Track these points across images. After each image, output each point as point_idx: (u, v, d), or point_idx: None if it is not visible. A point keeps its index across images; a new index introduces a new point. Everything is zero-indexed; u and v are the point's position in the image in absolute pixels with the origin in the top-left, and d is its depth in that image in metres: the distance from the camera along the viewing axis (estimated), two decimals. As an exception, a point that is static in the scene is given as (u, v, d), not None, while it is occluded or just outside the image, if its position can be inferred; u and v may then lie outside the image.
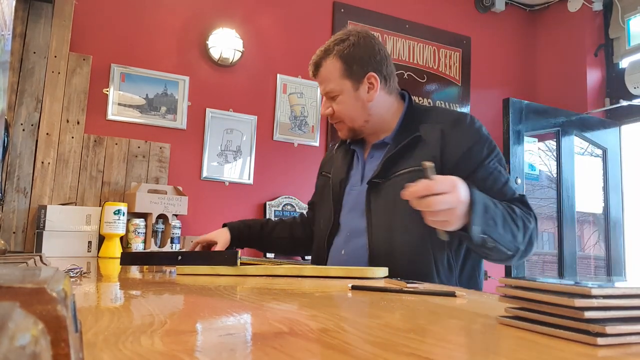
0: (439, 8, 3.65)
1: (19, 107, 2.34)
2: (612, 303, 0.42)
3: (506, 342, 0.46)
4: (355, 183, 1.39)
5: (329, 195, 1.44)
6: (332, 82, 1.33)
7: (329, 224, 1.39)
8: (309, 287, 0.88)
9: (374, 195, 1.29)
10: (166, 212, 2.42)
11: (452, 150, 1.23)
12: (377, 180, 1.29)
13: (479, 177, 1.20)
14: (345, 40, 1.33)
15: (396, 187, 1.19)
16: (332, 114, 1.36)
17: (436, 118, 1.31)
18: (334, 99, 1.35)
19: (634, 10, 3.55)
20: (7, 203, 2.27)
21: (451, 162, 1.21)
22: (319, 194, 1.55)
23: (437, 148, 1.23)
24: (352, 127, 1.36)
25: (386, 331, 0.49)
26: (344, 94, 1.33)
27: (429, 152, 1.23)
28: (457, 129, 1.25)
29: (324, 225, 1.43)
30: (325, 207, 1.44)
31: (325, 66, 1.34)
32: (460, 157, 1.22)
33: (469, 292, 0.86)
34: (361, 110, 1.34)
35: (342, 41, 1.33)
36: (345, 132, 1.39)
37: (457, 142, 1.23)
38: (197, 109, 2.87)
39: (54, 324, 0.23)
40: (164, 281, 0.99)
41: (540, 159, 3.67)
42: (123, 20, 2.75)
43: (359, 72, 1.32)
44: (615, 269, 3.63)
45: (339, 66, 1.32)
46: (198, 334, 0.46)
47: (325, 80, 1.35)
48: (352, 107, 1.33)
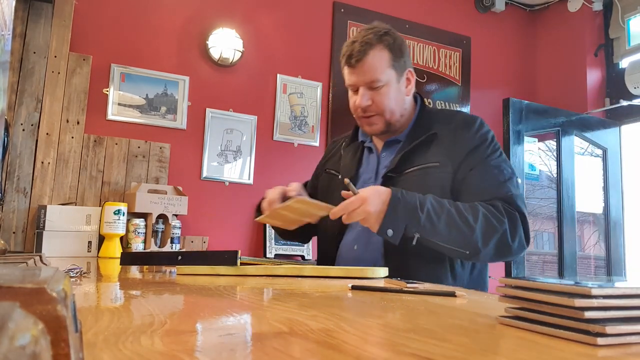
0: (439, 8, 3.65)
1: (19, 107, 2.34)
2: (612, 303, 0.42)
3: (506, 342, 0.46)
4: (367, 179, 1.39)
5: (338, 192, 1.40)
6: (379, 71, 1.31)
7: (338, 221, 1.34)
8: (309, 287, 0.88)
9: None
10: (166, 212, 2.42)
11: (460, 149, 1.30)
12: (392, 175, 1.31)
13: (476, 174, 1.27)
14: (388, 33, 1.34)
15: (411, 183, 1.27)
16: (370, 105, 1.33)
17: (448, 119, 1.37)
18: (376, 89, 1.32)
19: (634, 10, 3.55)
20: (7, 203, 2.27)
21: (458, 160, 1.28)
22: (323, 192, 1.51)
23: (449, 147, 1.30)
24: (389, 121, 1.35)
25: (386, 331, 0.49)
26: (389, 85, 1.32)
27: (442, 150, 1.30)
28: (466, 130, 1.32)
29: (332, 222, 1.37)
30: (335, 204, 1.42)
31: (372, 55, 1.31)
32: (465, 155, 1.29)
33: (469, 292, 0.86)
34: (401, 104, 1.36)
35: (386, 34, 1.33)
36: (379, 126, 1.36)
37: (465, 142, 1.30)
38: (197, 109, 2.87)
39: (54, 324, 0.23)
40: (164, 281, 0.99)
41: (541, 159, 3.67)
42: (123, 20, 2.75)
43: (402, 65, 1.36)
44: (616, 269, 3.63)
45: (387, 56, 1.32)
46: (198, 334, 0.46)
47: (372, 69, 1.31)
48: (394, 99, 1.34)
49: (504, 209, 1.20)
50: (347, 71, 1.35)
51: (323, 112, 3.22)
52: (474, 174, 1.27)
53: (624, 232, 3.71)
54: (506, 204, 1.22)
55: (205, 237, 2.76)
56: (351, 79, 1.35)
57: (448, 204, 1.19)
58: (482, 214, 1.18)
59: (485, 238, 1.16)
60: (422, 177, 1.28)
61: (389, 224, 1.14)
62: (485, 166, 1.28)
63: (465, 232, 1.16)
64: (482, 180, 1.26)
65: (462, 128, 1.32)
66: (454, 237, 1.16)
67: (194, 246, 2.71)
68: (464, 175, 1.27)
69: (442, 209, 1.17)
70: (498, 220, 1.18)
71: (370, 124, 1.37)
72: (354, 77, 1.34)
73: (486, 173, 1.27)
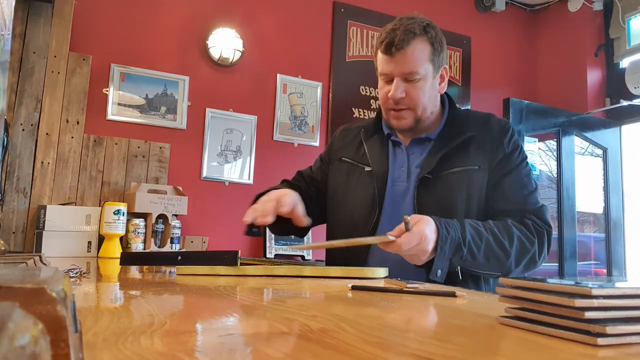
0: (439, 8, 3.65)
1: (18, 107, 2.34)
2: (612, 303, 0.42)
3: (506, 342, 0.46)
4: (397, 177, 1.33)
5: (370, 186, 1.32)
6: (418, 63, 1.25)
7: (372, 216, 1.29)
8: (309, 287, 0.88)
9: (424, 191, 1.27)
10: (166, 212, 2.42)
11: (496, 154, 1.29)
12: (428, 176, 1.27)
13: (509, 182, 1.27)
14: (431, 25, 1.29)
15: (451, 185, 1.25)
16: (403, 98, 1.27)
17: (483, 122, 1.34)
18: (412, 82, 1.26)
19: (634, 10, 3.55)
20: (7, 203, 2.27)
21: (493, 165, 1.28)
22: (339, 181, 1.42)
23: (487, 151, 1.29)
24: (419, 117, 1.30)
25: (386, 331, 0.49)
26: (425, 79, 1.27)
27: (481, 154, 1.28)
28: (503, 135, 1.31)
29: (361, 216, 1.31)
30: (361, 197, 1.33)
31: (414, 45, 1.24)
32: (499, 161, 1.28)
33: (469, 292, 0.86)
34: (433, 100, 1.32)
35: (429, 26, 1.28)
36: (408, 122, 1.31)
37: (502, 148, 1.29)
38: (197, 109, 2.87)
39: (53, 324, 0.23)
40: (164, 281, 0.99)
41: (541, 159, 3.67)
42: (123, 20, 2.75)
43: (440, 61, 1.31)
44: (616, 269, 3.63)
45: (428, 49, 1.27)
46: (198, 334, 0.46)
47: (412, 60, 1.25)
48: (428, 94, 1.29)
49: (534, 228, 1.22)
50: (384, 59, 1.28)
51: (323, 112, 3.22)
52: (507, 181, 1.27)
53: (624, 232, 3.71)
54: (537, 219, 1.23)
55: (205, 237, 2.76)
56: (387, 67, 1.27)
57: (485, 229, 1.17)
58: (517, 238, 1.19)
59: (517, 261, 1.19)
60: (463, 180, 1.26)
61: (439, 265, 1.11)
62: (517, 174, 1.28)
63: (501, 259, 1.17)
64: (514, 188, 1.26)
65: (499, 133, 1.31)
66: (492, 264, 1.18)
67: (194, 246, 2.71)
68: (496, 180, 1.27)
69: (480, 238, 1.15)
70: (530, 242, 1.20)
71: (399, 117, 1.31)
72: (391, 66, 1.26)
73: (519, 181, 1.27)
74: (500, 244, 1.16)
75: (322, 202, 1.46)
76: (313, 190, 1.47)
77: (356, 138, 1.45)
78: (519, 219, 1.23)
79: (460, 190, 1.25)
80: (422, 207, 1.26)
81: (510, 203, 1.25)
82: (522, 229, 1.21)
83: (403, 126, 1.32)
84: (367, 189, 1.33)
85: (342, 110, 3.24)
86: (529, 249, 1.20)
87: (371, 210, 1.30)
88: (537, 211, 1.25)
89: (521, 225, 1.21)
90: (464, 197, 1.25)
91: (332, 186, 1.44)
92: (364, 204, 1.32)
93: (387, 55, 1.26)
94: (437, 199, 1.26)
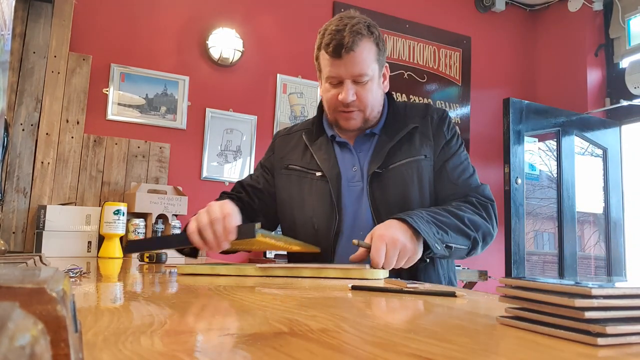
0: (439, 8, 3.65)
1: (18, 107, 2.34)
2: (612, 303, 0.42)
3: (506, 342, 0.46)
4: (352, 177, 1.32)
5: (325, 191, 1.30)
6: (366, 65, 1.25)
7: (332, 221, 1.27)
8: (309, 287, 0.88)
9: (376, 186, 1.28)
10: (166, 212, 2.42)
11: (437, 142, 1.33)
12: (378, 171, 1.28)
13: (451, 166, 1.31)
14: (373, 25, 1.29)
15: (400, 176, 1.28)
16: (354, 100, 1.26)
17: (422, 112, 1.38)
18: (361, 84, 1.26)
19: (634, 10, 3.55)
20: (7, 203, 2.27)
21: (437, 152, 1.32)
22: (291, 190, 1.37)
23: (430, 139, 1.33)
24: (367, 117, 1.31)
25: (386, 331, 0.49)
26: (373, 80, 1.28)
27: (426, 142, 1.32)
28: (443, 123, 1.36)
29: (321, 223, 1.29)
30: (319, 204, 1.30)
31: (362, 47, 1.24)
32: (441, 148, 1.33)
33: (469, 292, 0.86)
34: (380, 99, 1.34)
35: (371, 26, 1.28)
36: (357, 122, 1.31)
37: (442, 135, 1.34)
38: (197, 109, 2.87)
39: (53, 324, 0.23)
40: (163, 281, 0.99)
41: (541, 159, 3.67)
42: (123, 20, 2.75)
43: (383, 60, 1.33)
44: (616, 269, 3.63)
45: (374, 50, 1.27)
46: (198, 334, 0.46)
47: (361, 62, 1.24)
48: (375, 94, 1.30)
49: (478, 203, 1.26)
50: (331, 62, 1.24)
51: (323, 112, 3.22)
52: (449, 166, 1.31)
53: (624, 232, 3.71)
54: (479, 196, 1.28)
55: (205, 237, 2.76)
56: (336, 70, 1.25)
57: (439, 210, 1.20)
58: (469, 210, 1.23)
59: (478, 232, 1.22)
60: (413, 170, 1.28)
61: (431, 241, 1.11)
62: (457, 158, 1.33)
63: (466, 231, 1.19)
64: (456, 172, 1.31)
65: (439, 121, 1.35)
66: (461, 239, 1.19)
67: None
68: (439, 166, 1.31)
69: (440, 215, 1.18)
70: (480, 216, 1.25)
71: (348, 119, 1.30)
72: (340, 69, 1.24)
73: (459, 165, 1.32)
74: (457, 216, 1.19)
75: (268, 210, 1.41)
76: (256, 201, 1.41)
77: (299, 143, 1.42)
78: (463, 199, 1.27)
79: (412, 181, 1.27)
80: (376, 202, 1.27)
81: (454, 186, 1.29)
82: (468, 206, 1.25)
83: (352, 127, 1.32)
84: (322, 195, 1.31)
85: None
86: (483, 222, 1.24)
87: (330, 216, 1.28)
88: (478, 189, 1.30)
89: (466, 202, 1.26)
90: (416, 187, 1.28)
91: (284, 195, 1.39)
92: (323, 211, 1.30)
93: (335, 58, 1.23)
94: (391, 192, 1.27)
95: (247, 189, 1.43)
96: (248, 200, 1.40)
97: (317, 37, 1.30)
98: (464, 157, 1.35)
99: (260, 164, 1.50)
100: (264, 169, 1.46)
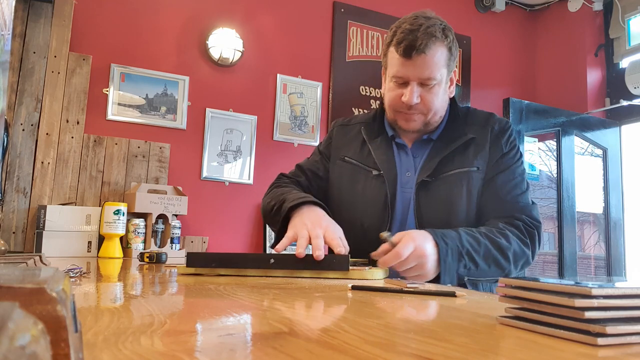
0: (439, 8, 3.64)
1: (18, 107, 2.34)
2: (612, 303, 0.42)
3: (506, 342, 0.46)
4: (406, 182, 1.29)
5: (381, 191, 1.28)
6: (437, 69, 1.22)
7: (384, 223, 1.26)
8: (309, 287, 0.88)
9: (423, 194, 1.25)
10: (166, 212, 2.42)
11: (494, 154, 1.29)
12: (427, 179, 1.25)
13: (503, 180, 1.26)
14: (448, 28, 1.26)
15: (450, 186, 1.24)
16: (418, 103, 1.24)
17: (483, 122, 1.33)
18: (428, 87, 1.23)
19: (634, 10, 3.55)
20: (7, 203, 2.27)
21: (490, 164, 1.28)
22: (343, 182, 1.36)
23: (486, 150, 1.28)
24: (428, 121, 1.28)
25: (386, 331, 0.49)
26: (440, 84, 1.25)
27: (480, 155, 1.28)
28: (502, 135, 1.31)
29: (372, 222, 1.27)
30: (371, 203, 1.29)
31: (435, 50, 1.21)
32: (496, 160, 1.28)
33: (469, 292, 0.86)
34: (444, 104, 1.31)
35: (446, 29, 1.25)
36: (418, 124, 1.28)
37: (499, 147, 1.29)
38: (197, 109, 2.87)
39: (53, 324, 0.23)
40: (164, 281, 0.99)
41: (541, 159, 3.67)
42: (123, 20, 2.75)
43: (453, 66, 1.29)
44: (616, 269, 3.63)
45: (446, 54, 1.24)
46: (198, 334, 0.46)
47: (432, 65, 1.21)
48: (440, 99, 1.27)
49: (525, 229, 1.22)
50: (400, 61, 1.22)
51: (323, 112, 3.22)
52: (500, 178, 1.26)
53: (624, 232, 3.71)
54: (527, 218, 1.23)
55: (205, 237, 2.76)
56: (404, 70, 1.22)
57: (481, 235, 1.16)
58: (513, 241, 1.18)
59: (515, 263, 1.19)
60: (462, 181, 1.25)
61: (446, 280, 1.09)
62: (511, 172, 1.28)
63: (501, 263, 1.17)
64: (507, 185, 1.26)
65: (499, 133, 1.30)
66: (492, 270, 1.17)
67: (193, 246, 2.71)
68: (490, 177, 1.27)
69: (479, 244, 1.14)
70: (524, 243, 1.20)
71: (409, 120, 1.27)
72: (409, 70, 1.21)
73: (512, 179, 1.27)
74: (498, 247, 1.16)
75: (324, 196, 1.40)
76: (315, 185, 1.42)
77: (357, 136, 1.40)
78: (509, 220, 1.22)
79: (460, 193, 1.24)
80: (421, 211, 1.24)
81: (501, 202, 1.25)
82: (515, 232, 1.20)
83: (412, 128, 1.29)
84: (377, 194, 1.29)
85: (342, 110, 3.24)
86: (525, 251, 1.20)
87: (382, 218, 1.27)
88: (526, 209, 1.25)
89: (512, 227, 1.21)
90: (464, 200, 1.24)
91: (335, 186, 1.38)
92: (375, 210, 1.28)
93: (405, 58, 1.21)
94: (437, 202, 1.24)
95: (307, 173, 1.43)
96: (307, 185, 1.41)
97: (389, 33, 1.27)
98: (518, 173, 1.29)
99: (318, 150, 1.49)
100: (323, 156, 1.45)
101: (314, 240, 1.07)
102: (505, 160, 1.28)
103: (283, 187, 1.36)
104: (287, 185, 1.38)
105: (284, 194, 1.28)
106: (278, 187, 1.37)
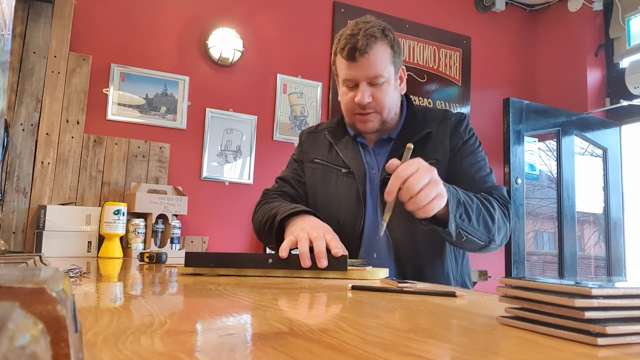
0: (439, 8, 3.65)
1: (18, 107, 2.34)
2: (612, 303, 0.42)
3: (506, 342, 0.46)
4: (374, 177, 1.34)
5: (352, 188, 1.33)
6: (381, 67, 1.27)
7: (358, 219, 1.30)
8: (309, 287, 0.88)
9: None
10: (166, 212, 2.42)
11: (454, 143, 1.34)
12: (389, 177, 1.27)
13: (468, 163, 1.32)
14: (388, 28, 1.31)
15: None
16: (369, 103, 1.28)
17: (440, 118, 1.39)
18: (377, 86, 1.28)
19: (634, 10, 3.55)
20: (7, 203, 2.27)
21: (453, 152, 1.33)
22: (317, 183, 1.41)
23: (445, 142, 1.34)
24: (384, 120, 1.32)
25: (386, 331, 0.49)
26: (389, 82, 1.29)
27: (439, 147, 1.33)
28: (459, 126, 1.37)
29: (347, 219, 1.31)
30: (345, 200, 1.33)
31: (376, 49, 1.26)
32: (458, 148, 1.34)
33: (469, 292, 0.86)
34: (396, 101, 1.35)
35: (386, 29, 1.30)
36: (375, 125, 1.33)
37: (459, 136, 1.35)
38: (197, 109, 2.87)
39: (53, 324, 0.23)
40: (163, 281, 1.00)
41: (541, 159, 3.67)
42: (123, 20, 2.75)
43: (399, 62, 1.34)
44: (616, 269, 3.63)
45: (389, 52, 1.29)
46: (198, 334, 0.46)
47: (375, 64, 1.26)
48: (392, 96, 1.31)
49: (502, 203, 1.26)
50: (346, 65, 1.28)
51: (323, 112, 3.22)
52: (467, 163, 1.32)
53: (624, 232, 3.71)
54: (500, 196, 1.27)
55: (205, 237, 2.76)
56: (351, 73, 1.28)
57: (472, 194, 1.18)
58: (496, 206, 1.21)
59: (499, 231, 1.21)
60: None
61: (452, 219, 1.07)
62: (475, 157, 1.33)
63: (489, 225, 1.17)
64: (475, 169, 1.31)
65: (456, 124, 1.36)
66: (481, 230, 1.17)
67: (193, 246, 2.71)
68: (456, 164, 1.32)
69: (472, 200, 1.15)
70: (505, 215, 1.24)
71: (365, 121, 1.32)
72: (356, 72, 1.27)
73: (477, 163, 1.32)
74: (487, 209, 1.18)
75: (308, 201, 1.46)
76: (302, 192, 1.46)
77: (324, 141, 1.47)
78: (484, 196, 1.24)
79: None
80: None
81: (470, 181, 1.28)
82: (495, 202, 1.23)
83: (369, 129, 1.34)
84: (349, 190, 1.34)
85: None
86: (505, 222, 1.23)
87: (357, 213, 1.32)
88: (497, 188, 1.29)
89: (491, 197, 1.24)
90: None
91: (310, 188, 1.45)
92: (349, 206, 1.33)
93: (350, 61, 1.26)
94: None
95: (291, 182, 1.47)
96: (294, 192, 1.45)
97: (334, 43, 1.34)
98: (481, 157, 1.35)
99: (293, 159, 1.54)
100: (299, 163, 1.51)
101: (315, 241, 1.07)
102: (467, 146, 1.34)
103: (271, 203, 1.39)
104: (275, 200, 1.41)
105: (274, 208, 1.30)
106: (266, 204, 1.40)
